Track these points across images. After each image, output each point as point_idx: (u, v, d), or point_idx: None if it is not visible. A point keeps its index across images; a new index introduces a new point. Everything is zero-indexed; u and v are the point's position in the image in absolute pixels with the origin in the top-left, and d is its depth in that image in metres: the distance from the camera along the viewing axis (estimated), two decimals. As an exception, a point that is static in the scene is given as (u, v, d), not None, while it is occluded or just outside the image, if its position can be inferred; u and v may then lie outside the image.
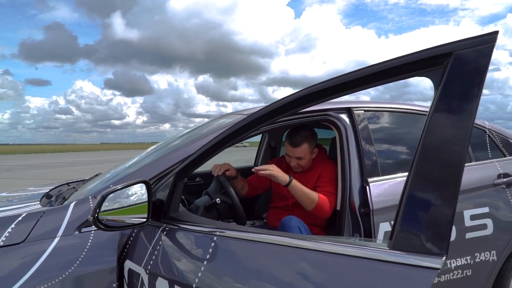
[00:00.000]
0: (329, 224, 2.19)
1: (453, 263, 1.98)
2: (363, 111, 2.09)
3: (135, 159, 2.22)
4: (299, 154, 2.16)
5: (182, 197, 2.92)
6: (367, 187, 1.87)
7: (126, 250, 1.51)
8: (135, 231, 1.55)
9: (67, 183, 2.66)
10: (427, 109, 1.03)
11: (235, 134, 1.35)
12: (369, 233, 1.83)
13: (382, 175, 1.94)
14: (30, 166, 23.38)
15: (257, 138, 3.49)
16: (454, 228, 1.97)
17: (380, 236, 1.81)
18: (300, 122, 1.99)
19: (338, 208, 1.96)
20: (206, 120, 2.75)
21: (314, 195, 2.01)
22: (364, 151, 1.95)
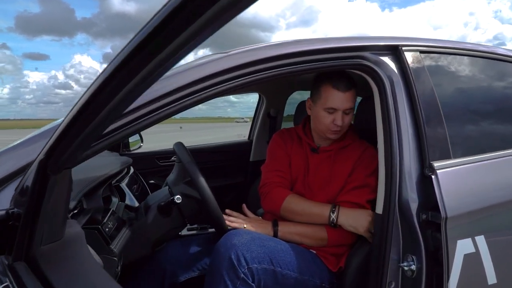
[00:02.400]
0: (361, 242, 1.38)
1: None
2: (418, 53, 1.28)
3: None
4: (351, 103, 1.36)
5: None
6: (433, 177, 1.09)
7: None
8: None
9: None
10: None
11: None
12: (434, 256, 1.07)
13: (456, 157, 1.16)
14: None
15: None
16: None
17: (458, 262, 1.05)
18: (315, 68, 1.18)
19: (379, 211, 1.18)
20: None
21: (316, 230, 1.34)
22: (425, 118, 1.16)
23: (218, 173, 2.50)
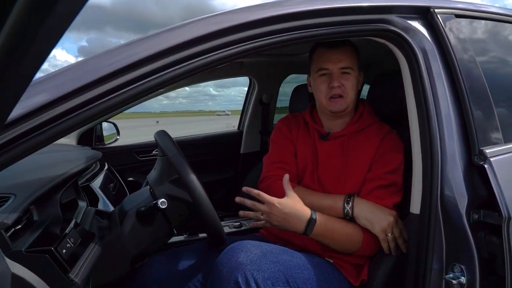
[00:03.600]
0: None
1: None
2: (454, 16, 1.05)
3: None
4: (347, 61, 1.13)
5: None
6: (486, 166, 0.87)
7: None
8: None
9: None
10: None
11: None
12: (490, 265, 0.85)
13: (508, 142, 0.94)
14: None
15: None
16: None
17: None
18: (328, 34, 0.93)
19: (415, 210, 0.95)
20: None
21: (355, 232, 1.06)
22: (470, 95, 0.94)
23: (206, 168, 2.25)
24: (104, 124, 2.27)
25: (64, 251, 0.70)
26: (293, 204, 1.01)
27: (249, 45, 0.80)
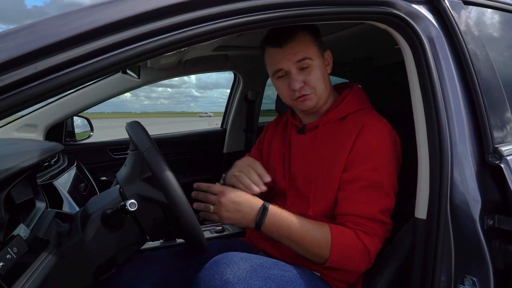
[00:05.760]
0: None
1: None
2: (462, 3, 0.97)
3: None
4: (300, 54, 0.95)
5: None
6: (502, 166, 0.77)
7: None
8: None
9: None
10: None
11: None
12: (507, 278, 0.76)
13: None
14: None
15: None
16: None
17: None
18: (323, 14, 0.81)
19: (421, 215, 0.84)
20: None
21: (321, 232, 0.89)
22: (483, 87, 0.84)
23: (185, 167, 2.11)
24: (77, 120, 2.10)
25: (1, 264, 0.55)
26: (244, 193, 0.90)
27: (229, 21, 0.67)
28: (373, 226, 0.89)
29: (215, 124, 2.68)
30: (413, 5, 0.90)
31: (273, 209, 0.89)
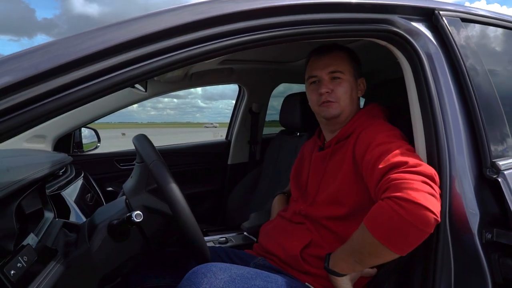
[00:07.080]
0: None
1: None
2: (460, 20, 0.99)
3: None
4: (335, 65, 1.06)
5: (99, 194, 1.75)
6: (500, 180, 0.79)
7: None
8: None
9: None
10: None
11: None
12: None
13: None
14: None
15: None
16: None
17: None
18: (324, 33, 0.84)
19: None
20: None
21: (360, 232, 0.82)
22: (480, 103, 0.86)
23: (190, 179, 2.13)
24: (84, 131, 2.14)
25: (12, 272, 0.58)
26: None
27: (236, 39, 0.70)
28: (396, 177, 0.77)
29: (220, 135, 2.70)
30: (412, 23, 0.93)
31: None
